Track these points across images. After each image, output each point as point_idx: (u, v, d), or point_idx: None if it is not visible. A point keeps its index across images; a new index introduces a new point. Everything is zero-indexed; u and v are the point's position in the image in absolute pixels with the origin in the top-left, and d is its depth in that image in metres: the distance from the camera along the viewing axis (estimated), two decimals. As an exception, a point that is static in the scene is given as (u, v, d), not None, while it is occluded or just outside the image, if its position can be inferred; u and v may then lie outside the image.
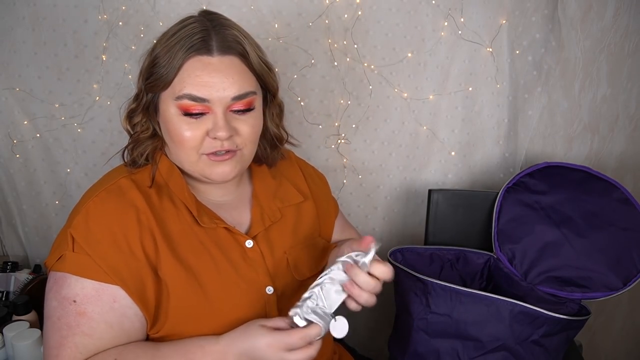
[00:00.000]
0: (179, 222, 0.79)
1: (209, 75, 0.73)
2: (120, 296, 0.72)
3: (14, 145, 1.30)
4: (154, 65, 0.77)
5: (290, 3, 1.23)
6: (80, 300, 0.71)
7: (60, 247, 0.75)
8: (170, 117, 0.76)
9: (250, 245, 0.82)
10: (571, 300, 1.00)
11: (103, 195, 0.77)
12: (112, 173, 0.83)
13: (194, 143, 0.75)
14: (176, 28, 0.77)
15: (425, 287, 0.96)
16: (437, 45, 1.28)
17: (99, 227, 0.74)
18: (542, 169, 1.17)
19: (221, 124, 0.74)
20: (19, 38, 1.23)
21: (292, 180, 0.94)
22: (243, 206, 0.87)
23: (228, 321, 0.76)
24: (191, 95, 0.73)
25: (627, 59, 1.35)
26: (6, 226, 1.39)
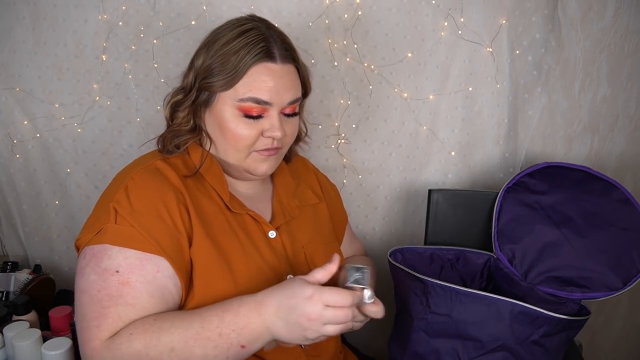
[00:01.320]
0: (211, 204, 0.82)
1: (273, 81, 0.80)
2: (163, 266, 0.74)
3: (14, 145, 1.30)
4: (212, 67, 0.80)
5: (290, 3, 1.23)
6: (123, 270, 0.72)
7: (99, 221, 0.75)
8: (227, 116, 0.81)
9: (273, 236, 0.87)
10: (571, 300, 1.00)
11: (142, 172, 0.79)
12: (146, 156, 0.86)
13: (249, 142, 0.82)
14: (235, 32, 0.81)
15: (425, 287, 0.96)
16: (437, 45, 1.29)
17: (141, 199, 0.76)
18: (542, 169, 1.17)
19: (277, 125, 0.82)
20: (18, 38, 1.24)
21: (308, 183, 1.02)
22: (266, 201, 0.93)
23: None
24: (256, 99, 0.79)
25: (627, 59, 1.35)
26: (6, 226, 1.39)
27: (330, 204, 1.05)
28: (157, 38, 1.23)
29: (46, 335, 1.01)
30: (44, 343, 0.94)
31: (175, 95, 0.85)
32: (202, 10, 1.21)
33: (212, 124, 0.84)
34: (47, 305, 1.14)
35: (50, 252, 1.38)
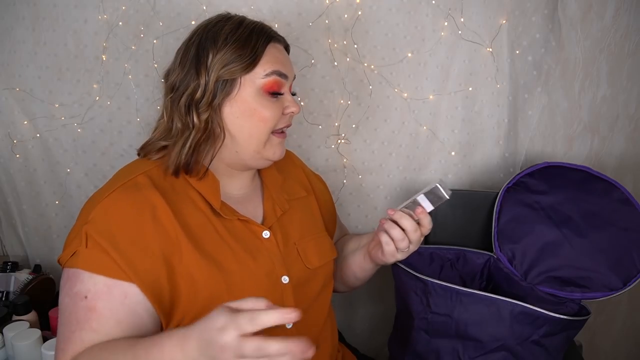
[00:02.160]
0: (196, 215, 0.81)
1: (285, 58, 0.86)
2: (132, 293, 0.73)
3: (14, 145, 1.30)
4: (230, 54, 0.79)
5: (290, 3, 1.23)
6: (91, 296, 0.72)
7: (74, 243, 0.75)
8: (253, 99, 0.81)
9: (267, 236, 0.86)
10: (571, 300, 1.00)
11: (119, 191, 0.77)
12: (127, 170, 0.84)
13: (274, 122, 0.83)
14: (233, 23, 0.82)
15: (425, 287, 0.96)
16: (437, 45, 1.28)
17: (114, 223, 0.74)
18: (542, 169, 1.17)
19: (293, 101, 0.86)
20: (19, 38, 1.24)
21: (295, 177, 1.01)
22: (257, 199, 0.92)
23: None
24: (279, 72, 0.83)
25: (627, 59, 1.35)
26: (6, 226, 1.39)
27: (319, 197, 1.03)
28: (157, 38, 1.23)
29: (46, 335, 1.01)
30: (44, 343, 0.94)
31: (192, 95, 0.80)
32: (202, 10, 1.21)
33: (234, 115, 0.81)
34: (47, 305, 1.14)
35: (50, 252, 1.38)
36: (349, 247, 1.04)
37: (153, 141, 0.85)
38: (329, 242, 0.98)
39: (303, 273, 0.88)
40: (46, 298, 1.20)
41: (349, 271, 1.01)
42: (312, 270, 0.89)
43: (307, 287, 0.89)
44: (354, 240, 1.05)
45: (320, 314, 0.93)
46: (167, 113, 0.83)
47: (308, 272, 0.89)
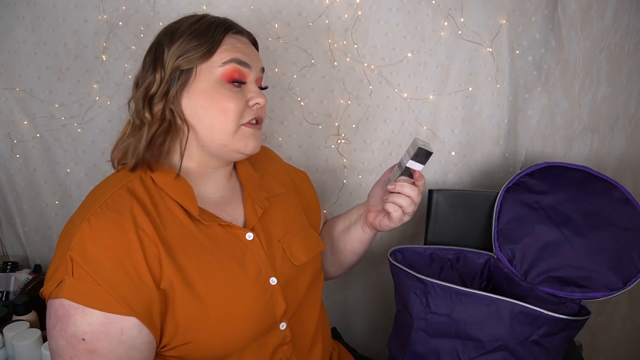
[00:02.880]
0: (176, 226, 0.78)
1: (247, 48, 0.83)
2: (127, 327, 0.70)
3: (14, 145, 1.30)
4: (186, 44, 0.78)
5: (290, 3, 1.23)
6: (89, 338, 0.68)
7: (58, 272, 0.71)
8: (211, 88, 0.79)
9: (250, 238, 0.84)
10: (571, 300, 1.00)
11: (100, 213, 0.73)
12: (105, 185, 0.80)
13: (236, 112, 0.79)
14: (195, 17, 0.82)
15: (425, 287, 0.96)
16: (437, 45, 1.28)
17: (99, 248, 0.70)
18: (542, 169, 1.17)
19: (259, 92, 0.83)
20: (19, 38, 1.24)
21: (273, 173, 0.99)
22: (236, 201, 0.89)
23: (237, 319, 0.77)
24: (238, 59, 0.80)
25: (627, 59, 1.35)
26: (6, 226, 1.39)
27: (301, 192, 1.02)
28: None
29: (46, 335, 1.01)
30: (44, 343, 0.95)
31: (147, 89, 0.79)
32: (202, 10, 1.21)
33: (193, 105, 0.79)
34: (47, 305, 1.13)
35: (50, 252, 1.37)
36: (339, 228, 1.04)
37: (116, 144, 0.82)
38: (315, 236, 0.97)
39: (290, 271, 0.87)
40: (46, 298, 1.20)
41: (347, 249, 1.02)
42: (299, 266, 0.88)
43: (295, 285, 0.88)
44: (341, 220, 1.05)
45: (313, 310, 0.93)
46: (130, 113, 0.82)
47: (295, 269, 0.88)
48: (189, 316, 0.74)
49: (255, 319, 0.79)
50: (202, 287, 0.75)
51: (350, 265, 1.06)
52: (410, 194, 0.87)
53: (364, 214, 0.98)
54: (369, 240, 1.00)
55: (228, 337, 0.77)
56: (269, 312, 0.81)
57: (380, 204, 0.94)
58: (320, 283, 0.97)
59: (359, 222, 0.99)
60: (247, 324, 0.78)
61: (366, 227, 0.98)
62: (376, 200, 0.95)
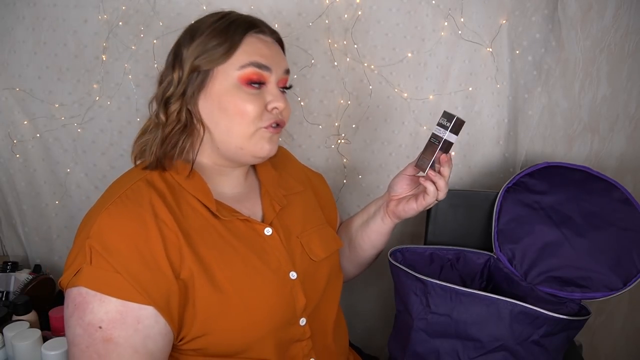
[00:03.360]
0: (197, 218, 0.78)
1: (267, 49, 0.80)
2: (144, 316, 0.69)
3: (14, 145, 1.30)
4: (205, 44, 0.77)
5: (290, 3, 1.23)
6: (105, 326, 0.68)
7: (77, 261, 0.70)
8: (228, 90, 0.77)
9: (269, 233, 0.84)
10: (571, 300, 1.00)
11: (119, 202, 0.73)
12: (124, 178, 0.80)
13: (254, 115, 0.78)
14: (217, 16, 0.81)
15: (425, 287, 0.96)
16: (437, 45, 1.28)
17: (118, 236, 0.70)
18: (542, 169, 1.17)
19: (279, 95, 0.81)
20: (19, 38, 1.24)
21: (291, 173, 0.99)
22: (254, 197, 0.89)
23: (258, 312, 0.77)
24: (257, 63, 0.78)
25: (627, 59, 1.34)
26: (6, 226, 1.39)
27: (317, 191, 1.03)
28: (157, 38, 1.23)
29: (46, 335, 1.01)
30: (44, 343, 0.94)
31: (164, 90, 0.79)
32: (202, 10, 1.21)
33: (209, 107, 0.78)
34: (47, 305, 1.14)
35: (50, 252, 1.38)
36: (356, 223, 1.05)
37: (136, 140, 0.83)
38: (332, 233, 0.98)
39: (309, 266, 0.87)
40: (46, 298, 1.20)
41: (365, 243, 1.02)
42: (317, 262, 0.89)
43: (314, 281, 0.88)
44: (358, 216, 1.05)
45: (331, 309, 0.93)
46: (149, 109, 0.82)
47: (314, 264, 0.88)
48: (208, 307, 0.74)
49: (275, 312, 0.79)
50: (222, 278, 0.75)
51: (369, 261, 1.06)
52: (446, 174, 0.87)
53: (384, 205, 0.98)
54: (388, 232, 1.00)
55: (247, 329, 0.77)
56: (289, 306, 0.82)
57: (404, 192, 0.95)
58: (339, 282, 0.97)
59: (378, 214, 0.99)
60: (267, 317, 0.78)
61: (387, 217, 0.98)
62: (400, 189, 0.95)
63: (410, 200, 0.92)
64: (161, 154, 0.79)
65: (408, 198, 0.93)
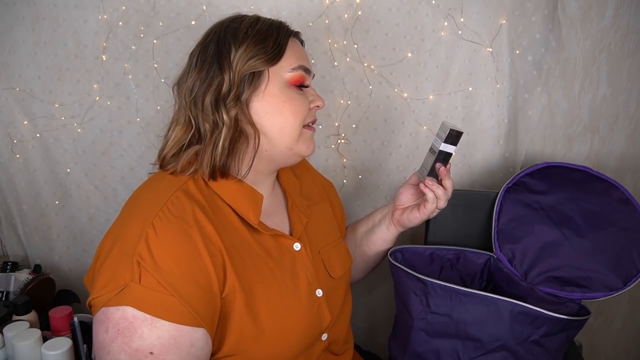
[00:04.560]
0: (234, 234, 0.76)
1: (304, 53, 0.85)
2: (196, 339, 0.67)
3: (14, 145, 1.30)
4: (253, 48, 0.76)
5: (290, 3, 1.23)
6: (157, 352, 0.64)
7: (118, 278, 0.65)
8: (281, 91, 0.78)
9: (298, 249, 0.84)
10: (571, 300, 1.00)
11: (163, 217, 0.68)
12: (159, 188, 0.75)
13: (304, 114, 0.81)
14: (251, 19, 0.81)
15: (425, 287, 0.96)
16: (437, 45, 1.28)
17: (168, 255, 0.66)
18: (542, 169, 1.17)
19: (317, 95, 0.84)
20: (19, 38, 1.24)
21: (309, 182, 1.01)
22: (281, 210, 0.89)
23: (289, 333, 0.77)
24: (304, 67, 0.81)
25: (627, 59, 1.34)
26: (6, 226, 1.39)
27: (332, 202, 1.05)
28: (157, 38, 1.23)
29: (46, 335, 1.01)
30: (44, 343, 0.94)
31: (217, 90, 0.75)
32: (202, 10, 1.21)
33: (263, 108, 0.77)
34: (47, 305, 1.14)
35: (50, 252, 1.38)
36: (361, 230, 1.06)
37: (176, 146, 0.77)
38: (346, 249, 0.99)
39: (330, 283, 0.88)
40: (46, 298, 1.20)
41: (370, 250, 1.04)
42: (336, 279, 0.90)
43: (334, 297, 0.88)
44: (363, 223, 1.07)
45: (345, 322, 0.95)
46: (191, 114, 0.76)
47: (333, 281, 0.89)
48: (242, 327, 0.73)
49: (304, 332, 0.79)
50: (259, 300, 0.74)
51: (372, 266, 1.09)
52: (448, 187, 0.91)
53: (389, 214, 1.01)
54: (392, 240, 1.03)
55: (278, 350, 0.76)
56: (316, 324, 0.82)
57: (408, 202, 0.98)
58: (350, 297, 0.99)
59: (384, 222, 1.01)
60: (297, 338, 0.78)
61: (392, 225, 1.00)
62: (405, 199, 0.98)
63: (414, 209, 0.95)
64: (225, 160, 0.76)
65: (412, 207, 0.96)
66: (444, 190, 0.91)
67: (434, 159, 0.90)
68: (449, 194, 0.92)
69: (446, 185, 0.91)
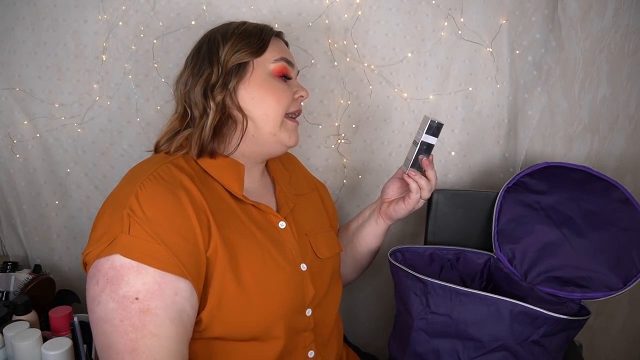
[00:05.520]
0: (222, 201, 0.82)
1: (288, 50, 0.94)
2: (181, 288, 0.70)
3: (14, 145, 1.30)
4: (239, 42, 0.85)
5: (290, 3, 1.23)
6: (142, 297, 0.67)
7: (110, 232, 0.69)
8: (266, 79, 0.86)
9: (283, 226, 0.89)
10: (571, 300, 1.00)
11: (152, 178, 0.74)
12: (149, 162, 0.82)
13: (288, 101, 0.87)
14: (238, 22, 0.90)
15: (425, 287, 0.96)
16: (437, 45, 1.28)
17: (157, 209, 0.71)
18: (542, 169, 1.17)
19: (301, 86, 0.92)
20: (19, 38, 1.24)
21: (299, 174, 1.07)
22: (268, 193, 0.95)
23: (273, 298, 0.80)
24: (286, 59, 0.89)
25: (627, 59, 1.35)
26: (6, 226, 1.38)
27: (323, 197, 1.09)
28: (157, 38, 1.23)
29: (46, 335, 1.01)
30: (44, 343, 0.94)
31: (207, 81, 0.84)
32: (202, 10, 1.21)
33: (250, 95, 0.85)
34: (47, 305, 1.14)
35: (50, 252, 1.38)
36: (352, 227, 1.10)
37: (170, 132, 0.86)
38: (335, 237, 1.03)
39: (316, 262, 0.92)
40: (46, 298, 1.20)
41: (361, 246, 1.08)
42: (322, 260, 0.94)
43: (320, 276, 0.93)
44: (354, 221, 1.11)
45: (333, 308, 0.97)
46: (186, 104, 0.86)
47: (319, 261, 0.93)
48: (225, 284, 0.76)
49: (287, 299, 0.83)
50: (242, 261, 0.78)
51: (365, 264, 1.12)
52: (431, 177, 0.95)
53: (377, 208, 1.05)
54: (382, 234, 1.06)
55: (261, 313, 0.79)
56: (299, 294, 0.86)
57: (395, 195, 1.02)
58: (339, 287, 1.02)
59: (372, 216, 1.05)
60: (280, 302, 0.81)
61: (380, 218, 1.04)
62: (392, 192, 1.03)
63: (400, 201, 0.99)
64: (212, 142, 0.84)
65: (398, 200, 1.00)
66: (427, 181, 0.95)
67: (416, 150, 0.94)
68: (432, 185, 0.96)
69: (429, 175, 0.95)
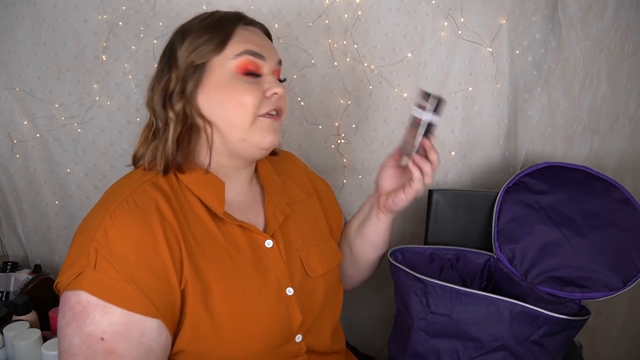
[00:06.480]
0: (199, 226, 0.76)
1: (260, 40, 0.80)
2: (148, 329, 0.67)
3: (14, 145, 1.30)
4: (198, 40, 0.77)
5: (290, 3, 1.23)
6: (108, 338, 0.64)
7: (77, 263, 0.67)
8: (226, 81, 0.76)
9: (269, 245, 0.82)
10: (571, 300, 1.00)
11: (125, 206, 0.70)
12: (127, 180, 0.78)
13: (253, 103, 0.76)
14: (205, 14, 0.81)
15: (425, 287, 0.96)
16: (437, 45, 1.28)
17: (126, 243, 0.67)
18: (542, 169, 1.17)
19: (276, 82, 0.80)
20: (19, 38, 1.24)
21: (295, 179, 0.98)
22: (257, 207, 0.87)
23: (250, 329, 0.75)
24: (251, 51, 0.77)
25: (627, 59, 1.35)
26: (6, 226, 1.39)
27: (323, 200, 1.01)
28: (157, 38, 1.23)
29: (46, 335, 1.01)
30: (44, 343, 0.94)
31: (165, 88, 0.77)
32: (202, 10, 1.21)
33: (209, 101, 0.77)
34: (47, 305, 1.14)
35: (50, 252, 1.38)
36: (354, 225, 1.03)
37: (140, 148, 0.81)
38: (333, 247, 0.96)
39: (306, 282, 0.85)
40: (46, 298, 1.20)
41: (365, 244, 1.00)
42: (314, 279, 0.87)
43: (311, 297, 0.86)
44: (355, 218, 1.03)
45: (329, 324, 0.91)
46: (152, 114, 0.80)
47: (310, 281, 0.86)
48: (197, 321, 0.72)
49: (270, 330, 0.78)
50: (217, 293, 0.73)
51: (371, 264, 1.04)
52: (434, 160, 0.85)
53: (375, 203, 0.96)
54: (385, 230, 0.98)
55: (240, 349, 0.75)
56: (285, 323, 0.80)
57: (391, 186, 0.93)
58: (338, 299, 0.95)
59: (372, 212, 0.97)
60: (260, 335, 0.76)
61: (380, 213, 0.95)
62: (387, 184, 0.93)
63: (399, 191, 0.90)
64: (178, 155, 0.77)
65: (397, 190, 0.91)
66: (431, 165, 0.85)
67: (422, 132, 0.83)
68: (435, 167, 0.86)
69: (432, 157, 0.85)
